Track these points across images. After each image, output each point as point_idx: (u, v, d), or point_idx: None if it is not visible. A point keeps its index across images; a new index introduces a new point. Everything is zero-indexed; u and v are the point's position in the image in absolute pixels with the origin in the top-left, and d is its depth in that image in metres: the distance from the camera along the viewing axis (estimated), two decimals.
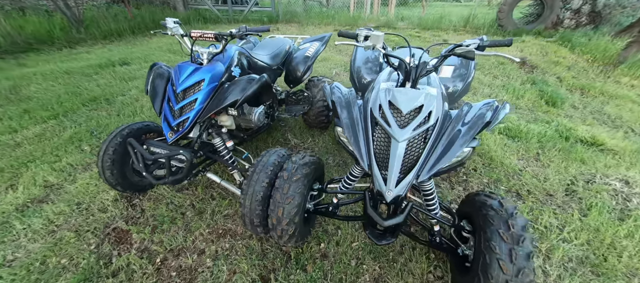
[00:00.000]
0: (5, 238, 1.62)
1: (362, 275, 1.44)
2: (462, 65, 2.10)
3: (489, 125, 1.17)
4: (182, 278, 1.42)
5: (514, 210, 1.15)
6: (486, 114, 1.20)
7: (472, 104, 1.26)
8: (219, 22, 8.37)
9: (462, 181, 2.14)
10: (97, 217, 1.76)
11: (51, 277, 1.42)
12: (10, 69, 4.36)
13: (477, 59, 5.06)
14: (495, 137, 2.65)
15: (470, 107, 1.24)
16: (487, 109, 1.22)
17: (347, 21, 8.28)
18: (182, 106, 1.55)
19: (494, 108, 1.22)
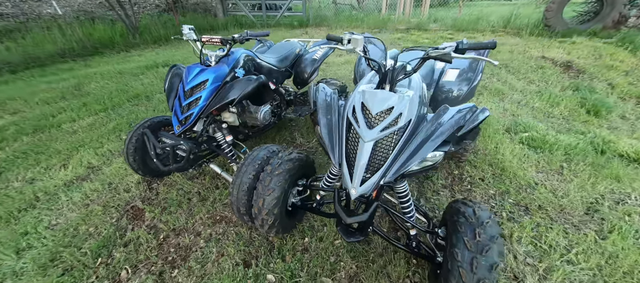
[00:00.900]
0: (52, 207, 1.99)
1: (338, 272, 1.48)
2: (469, 69, 2.01)
3: (462, 129, 1.14)
4: (178, 255, 1.60)
5: (487, 219, 1.11)
6: (461, 118, 1.17)
7: (449, 107, 1.24)
8: (253, 27, 8.89)
9: (465, 190, 2.04)
10: (121, 195, 2.06)
11: (80, 240, 1.71)
12: (79, 69, 5.19)
13: (515, 62, 4.67)
14: (514, 146, 2.46)
15: (446, 111, 1.22)
16: (464, 113, 1.19)
17: (376, 24, 8.20)
18: (189, 102, 1.76)
19: (472, 112, 1.19)
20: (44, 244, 1.69)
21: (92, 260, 1.58)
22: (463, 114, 1.18)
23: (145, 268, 1.53)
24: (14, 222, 1.88)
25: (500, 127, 2.78)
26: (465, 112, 1.19)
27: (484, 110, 1.20)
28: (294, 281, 1.43)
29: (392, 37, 7.18)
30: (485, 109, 1.20)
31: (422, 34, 7.25)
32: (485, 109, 1.21)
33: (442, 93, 1.98)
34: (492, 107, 3.25)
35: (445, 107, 1.24)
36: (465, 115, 1.18)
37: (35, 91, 4.01)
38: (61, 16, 6.58)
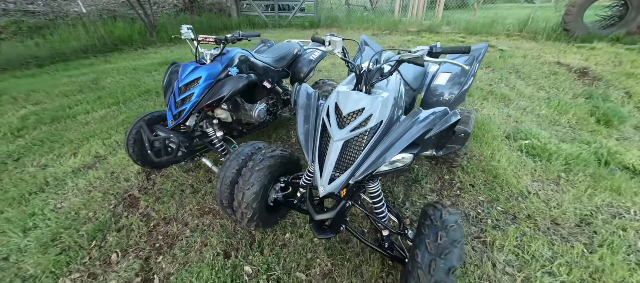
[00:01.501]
0: (59, 192, 2.14)
1: (313, 268, 1.51)
2: (461, 73, 1.99)
3: (430, 132, 1.14)
4: (165, 242, 1.69)
5: (452, 224, 1.11)
6: (431, 122, 1.17)
7: (422, 111, 1.24)
8: (266, 27, 9.07)
9: (454, 195, 2.01)
10: (121, 184, 2.19)
11: (79, 224, 1.84)
12: (98, 65, 5.50)
13: (527, 68, 4.51)
14: (512, 153, 2.39)
15: (418, 114, 1.22)
16: (435, 117, 1.19)
17: (388, 26, 8.14)
18: (183, 98, 1.85)
19: (443, 116, 1.19)
20: (48, 225, 1.84)
21: (87, 242, 1.70)
22: (433, 118, 1.19)
23: (134, 253, 1.63)
24: (25, 203, 2.04)
25: (500, 133, 2.71)
26: (436, 116, 1.19)
27: (455, 114, 1.20)
28: (269, 274, 1.48)
29: (402, 39, 7.11)
30: (456, 113, 1.20)
31: (433, 36, 7.12)
32: (456, 113, 1.21)
33: (434, 96, 1.97)
34: (495, 113, 3.17)
35: (418, 111, 1.25)
36: (435, 119, 1.18)
37: (57, 84, 4.30)
38: (86, 15, 6.99)
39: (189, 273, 1.50)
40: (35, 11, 7.05)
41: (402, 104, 1.36)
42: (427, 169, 2.28)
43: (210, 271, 1.49)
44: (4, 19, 6.53)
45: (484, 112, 3.23)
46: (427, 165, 2.33)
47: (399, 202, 1.95)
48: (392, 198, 1.99)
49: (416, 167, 2.30)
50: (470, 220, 1.79)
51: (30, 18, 6.87)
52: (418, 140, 1.16)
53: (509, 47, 5.80)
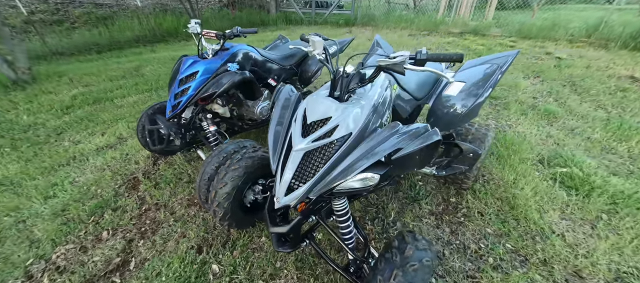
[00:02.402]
0: (80, 167, 2.38)
1: (278, 278, 1.44)
2: (477, 83, 1.72)
3: (400, 152, 0.98)
4: (150, 227, 1.77)
5: (415, 262, 0.94)
6: (403, 140, 1.01)
7: (398, 124, 1.08)
8: (301, 24, 9.13)
9: (455, 222, 1.77)
10: (130, 166, 2.36)
11: (86, 198, 2.02)
12: (145, 54, 6.07)
13: (588, 80, 3.83)
14: (541, 182, 2.03)
15: (392, 129, 1.06)
16: (409, 135, 1.02)
17: (427, 26, 7.60)
18: (181, 91, 1.90)
19: (419, 135, 1.02)
20: (63, 196, 2.05)
21: (87, 216, 1.86)
22: (406, 135, 1.02)
23: (122, 233, 1.74)
24: (53, 173, 2.31)
25: (532, 156, 2.32)
26: (410, 134, 1.02)
27: (435, 133, 1.02)
28: (233, 277, 1.45)
29: (441, 41, 6.58)
30: (436, 131, 1.02)
31: (478, 39, 6.46)
32: (436, 131, 1.02)
33: (443, 107, 1.74)
34: (532, 132, 2.73)
35: (394, 125, 1.08)
36: (409, 137, 1.01)
37: (106, 69, 4.84)
38: (141, 8, 7.76)
39: (161, 261, 1.54)
40: (103, 3, 8.04)
41: (385, 114, 1.20)
42: (432, 188, 2.04)
43: (179, 263, 1.51)
44: (78, 10, 7.56)
45: (518, 129, 2.80)
46: (433, 183, 2.09)
47: (389, 221, 1.77)
48: (383, 215, 1.82)
49: (419, 184, 2.08)
50: (467, 254, 1.55)
51: (99, 9, 7.85)
52: (386, 158, 1.00)
53: (569, 55, 5.00)
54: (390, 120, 1.36)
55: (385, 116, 1.20)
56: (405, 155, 0.97)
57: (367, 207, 1.89)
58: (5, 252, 1.63)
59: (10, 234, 1.74)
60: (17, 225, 1.82)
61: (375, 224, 1.76)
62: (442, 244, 1.63)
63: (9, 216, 1.88)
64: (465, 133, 1.86)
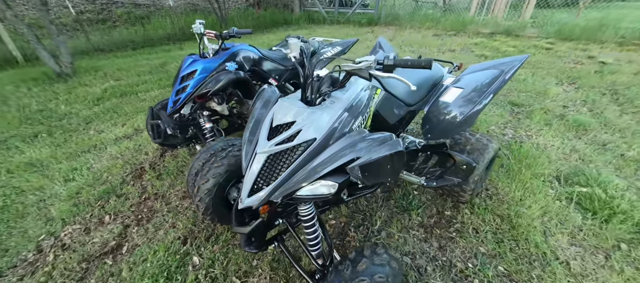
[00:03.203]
0: (99, 154, 2.61)
1: (251, 277, 1.46)
2: (476, 89, 1.60)
3: (357, 160, 0.94)
4: (146, 215, 1.89)
5: (366, 278, 0.90)
6: (364, 148, 0.96)
7: (365, 131, 1.03)
8: (323, 23, 9.12)
9: (446, 237, 1.66)
10: (140, 157, 2.53)
11: (98, 183, 2.21)
12: (173, 51, 6.46)
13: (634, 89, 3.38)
14: (553, 201, 1.84)
15: (356, 135, 1.02)
16: (371, 143, 0.98)
17: (454, 25, 7.19)
18: (181, 88, 2.00)
19: (380, 144, 0.96)
20: (80, 180, 2.26)
21: (95, 200, 2.03)
22: (367, 144, 0.97)
23: (121, 219, 1.87)
24: (75, 159, 2.56)
25: (548, 171, 2.11)
26: (371, 143, 0.97)
27: (397, 143, 0.96)
28: (209, 270, 1.50)
29: (468, 41, 6.19)
30: (399, 142, 0.96)
31: (509, 40, 5.98)
32: (398, 141, 0.96)
33: (438, 114, 1.64)
34: (554, 144, 2.48)
35: (360, 131, 1.04)
36: (369, 146, 0.97)
37: (136, 65, 5.24)
38: (173, 8, 8.27)
39: (149, 248, 1.63)
40: (141, 3, 8.70)
41: (357, 119, 1.15)
42: (427, 199, 1.94)
43: (164, 252, 1.60)
44: (120, 10, 8.26)
45: (538, 140, 2.55)
46: (430, 193, 1.98)
47: (374, 230, 1.71)
48: (369, 223, 1.76)
49: (414, 193, 1.98)
50: (452, 273, 1.45)
51: (137, 9, 8.51)
52: (345, 166, 0.97)
53: (615, 60, 4.44)
54: (366, 126, 1.31)
55: (358, 121, 1.16)
56: (365, 164, 0.93)
57: (354, 213, 1.85)
58: (25, 226, 1.84)
59: (31, 211, 1.96)
60: (39, 203, 2.04)
61: (359, 231, 1.71)
62: (427, 259, 1.54)
63: (34, 194, 2.12)
64: (464, 142, 1.74)
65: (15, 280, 1.51)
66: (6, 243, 1.72)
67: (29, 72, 4.64)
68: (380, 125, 1.53)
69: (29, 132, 3.01)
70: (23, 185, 2.21)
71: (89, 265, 1.57)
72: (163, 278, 1.46)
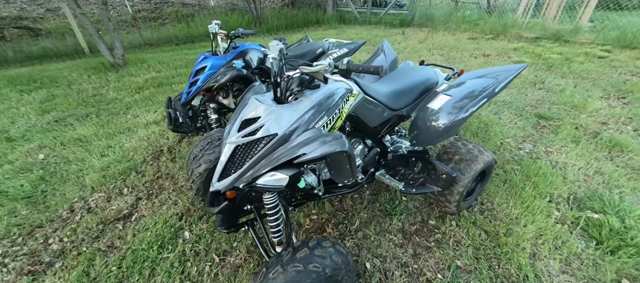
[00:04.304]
0: (130, 136, 3.00)
1: (229, 255, 1.61)
2: (465, 97, 1.56)
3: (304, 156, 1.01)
4: (155, 192, 2.16)
5: (300, 264, 0.97)
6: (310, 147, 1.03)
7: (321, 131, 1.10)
8: (354, 24, 9.09)
9: (423, 246, 1.64)
10: (162, 141, 2.86)
11: (124, 160, 2.56)
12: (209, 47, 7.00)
13: None
14: (555, 225, 1.69)
15: (310, 133, 1.09)
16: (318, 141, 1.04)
17: (494, 29, 6.68)
18: (193, 81, 2.23)
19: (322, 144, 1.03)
20: (112, 156, 2.64)
21: (118, 174, 2.36)
22: (318, 141, 1.04)
23: (135, 192, 2.16)
24: (112, 138, 2.98)
25: (558, 192, 1.94)
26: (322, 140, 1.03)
27: (339, 143, 1.01)
28: (194, 245, 1.68)
29: (506, 46, 5.72)
30: (344, 142, 1.01)
31: (556, 46, 5.39)
32: (343, 142, 1.01)
33: (424, 121, 1.64)
34: (576, 164, 2.25)
35: (313, 130, 1.11)
36: (318, 143, 1.03)
37: (175, 59, 5.80)
38: (214, 7, 8.93)
39: (152, 220, 1.88)
40: (188, 3, 9.55)
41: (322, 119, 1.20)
42: (415, 205, 1.91)
43: (162, 224, 1.82)
44: (170, 8, 9.17)
45: (557, 158, 2.33)
46: (418, 201, 1.95)
47: (351, 229, 1.75)
48: (348, 222, 1.80)
49: (403, 199, 1.96)
50: (418, 282, 1.44)
51: (185, 8, 9.36)
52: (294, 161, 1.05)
53: None
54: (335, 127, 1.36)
55: (322, 121, 1.21)
56: (308, 160, 1.00)
57: (337, 211, 1.90)
58: (65, 190, 2.22)
59: (71, 178, 2.36)
60: (78, 172, 2.44)
61: (336, 229, 1.76)
62: (397, 264, 1.54)
63: (76, 164, 2.53)
64: (452, 151, 1.69)
65: (50, 231, 1.85)
66: (49, 201, 2.10)
67: (91, 62, 5.43)
68: (361, 127, 1.56)
69: (82, 113, 3.56)
70: (70, 156, 2.66)
71: (104, 228, 1.86)
72: (157, 246, 1.67)
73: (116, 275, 1.52)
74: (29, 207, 2.05)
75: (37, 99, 3.98)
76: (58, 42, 6.54)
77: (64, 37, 6.75)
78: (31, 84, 4.49)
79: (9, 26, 7.20)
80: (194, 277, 1.50)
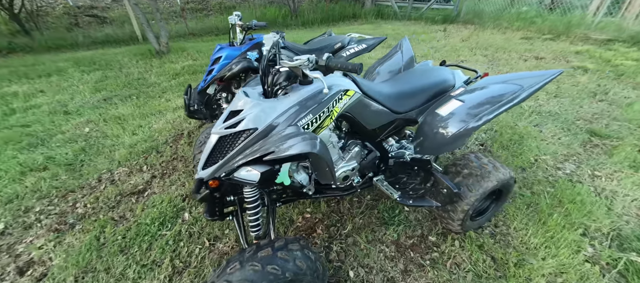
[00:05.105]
0: (159, 118, 3.26)
1: (219, 241, 1.66)
2: (477, 104, 1.38)
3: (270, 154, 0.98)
4: (168, 172, 2.31)
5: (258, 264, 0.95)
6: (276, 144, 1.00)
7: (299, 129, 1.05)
8: (392, 19, 8.68)
9: (416, 263, 1.51)
10: (184, 125, 3.05)
11: (149, 140, 2.78)
12: None
13: None
14: (584, 262, 1.43)
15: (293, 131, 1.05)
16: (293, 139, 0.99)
17: (555, 27, 5.84)
18: (210, 70, 2.32)
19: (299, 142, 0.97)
20: (141, 135, 2.90)
21: (142, 153, 2.58)
22: (289, 139, 0.99)
23: (152, 171, 2.34)
24: (144, 119, 3.26)
25: (596, 225, 1.63)
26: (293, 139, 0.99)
27: (306, 144, 0.95)
28: (192, 227, 1.76)
29: (568, 49, 4.98)
30: (314, 144, 0.95)
31: (633, 51, 4.52)
32: (313, 144, 0.95)
33: (431, 127, 1.49)
34: (629, 194, 1.88)
35: (295, 128, 1.07)
36: (284, 143, 0.99)
37: (211, 48, 6.09)
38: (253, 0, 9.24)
39: (160, 198, 2.02)
40: None
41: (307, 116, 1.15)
42: (417, 217, 1.77)
43: (167, 203, 1.95)
44: (213, 0, 9.71)
45: (605, 184, 1.97)
46: (421, 213, 1.80)
47: (342, 233, 1.68)
48: (340, 225, 1.73)
49: (405, 209, 1.83)
50: None
51: (228, 0, 9.83)
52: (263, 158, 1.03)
53: None
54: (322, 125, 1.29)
55: (307, 118, 1.16)
56: (275, 158, 0.97)
57: (332, 212, 1.84)
58: (97, 161, 2.50)
59: (104, 151, 2.64)
60: (111, 147, 2.72)
61: (327, 231, 1.71)
62: (384, 278, 1.44)
63: (111, 140, 2.83)
64: (462, 164, 1.52)
65: (79, 197, 2.10)
66: (83, 170, 2.38)
67: (141, 49, 6.00)
68: (357, 128, 1.47)
69: (126, 94, 3.96)
70: (108, 131, 2.98)
71: (120, 199, 2.05)
72: (158, 222, 1.79)
73: (120, 244, 1.66)
74: (68, 173, 2.35)
75: (94, 79, 4.52)
76: (118, 30, 7.36)
77: (123, 25, 7.56)
78: (91, 65, 5.12)
79: (82, 14, 8.31)
80: (183, 257, 1.58)
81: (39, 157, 2.52)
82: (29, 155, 2.54)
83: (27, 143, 2.74)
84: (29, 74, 4.63)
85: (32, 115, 3.35)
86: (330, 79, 1.31)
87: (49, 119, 3.23)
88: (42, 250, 1.66)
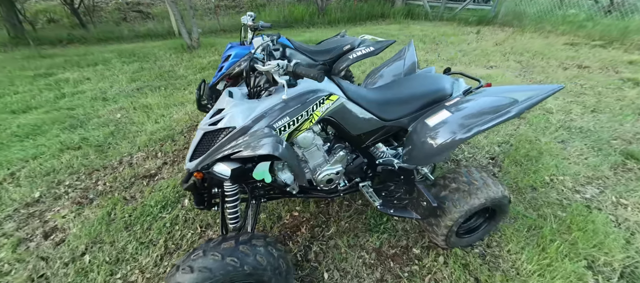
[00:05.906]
0: (179, 109, 3.51)
1: (209, 228, 1.77)
2: (466, 116, 1.32)
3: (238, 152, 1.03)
4: (178, 159, 2.50)
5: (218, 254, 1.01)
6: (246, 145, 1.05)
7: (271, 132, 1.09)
8: (423, 19, 8.33)
9: (394, 274, 1.49)
10: (200, 117, 3.26)
11: (167, 129, 3.02)
12: None
13: None
14: None
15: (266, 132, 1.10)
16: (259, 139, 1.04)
17: (606, 32, 5.21)
18: (221, 67, 2.46)
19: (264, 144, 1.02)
20: (161, 124, 3.15)
21: (159, 141, 2.81)
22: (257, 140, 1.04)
23: (164, 158, 2.55)
24: (166, 109, 3.53)
25: (607, 259, 1.47)
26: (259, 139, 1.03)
27: (269, 146, 0.99)
28: (188, 213, 1.90)
29: (620, 57, 4.42)
30: (276, 147, 0.98)
31: None
32: (275, 146, 0.98)
33: (417, 137, 1.45)
34: None
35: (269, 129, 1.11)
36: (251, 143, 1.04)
37: None
38: None
39: (166, 183, 2.19)
40: None
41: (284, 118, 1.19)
42: (405, 228, 1.73)
43: (172, 189, 2.11)
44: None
45: (631, 215, 1.75)
46: (410, 224, 1.76)
47: (326, 235, 1.70)
48: (325, 227, 1.75)
49: (395, 218, 1.79)
50: None
51: None
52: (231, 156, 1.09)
53: None
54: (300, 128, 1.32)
55: (284, 120, 1.19)
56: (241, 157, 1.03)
57: (320, 213, 1.87)
58: (122, 145, 2.78)
59: (129, 136, 2.92)
60: (135, 132, 3.00)
61: (311, 231, 1.74)
62: None
63: (136, 126, 3.12)
64: (451, 178, 1.45)
65: (102, 175, 2.36)
66: (109, 152, 2.66)
67: (175, 43, 6.46)
68: (341, 134, 1.47)
69: (156, 84, 4.31)
70: (135, 118, 3.28)
71: (134, 181, 2.27)
72: (161, 205, 1.96)
73: (126, 222, 1.85)
74: (96, 153, 2.64)
75: (131, 69, 4.98)
76: (158, 25, 7.98)
77: (163, 20, 8.20)
78: (131, 57, 5.64)
79: (130, 10, 9.14)
80: (176, 239, 1.71)
81: (76, 137, 2.86)
82: (68, 135, 2.90)
83: (69, 124, 3.12)
84: (80, 63, 5.23)
85: (77, 99, 3.80)
86: (314, 83, 1.33)
87: (90, 104, 3.64)
88: (64, 219, 1.91)
